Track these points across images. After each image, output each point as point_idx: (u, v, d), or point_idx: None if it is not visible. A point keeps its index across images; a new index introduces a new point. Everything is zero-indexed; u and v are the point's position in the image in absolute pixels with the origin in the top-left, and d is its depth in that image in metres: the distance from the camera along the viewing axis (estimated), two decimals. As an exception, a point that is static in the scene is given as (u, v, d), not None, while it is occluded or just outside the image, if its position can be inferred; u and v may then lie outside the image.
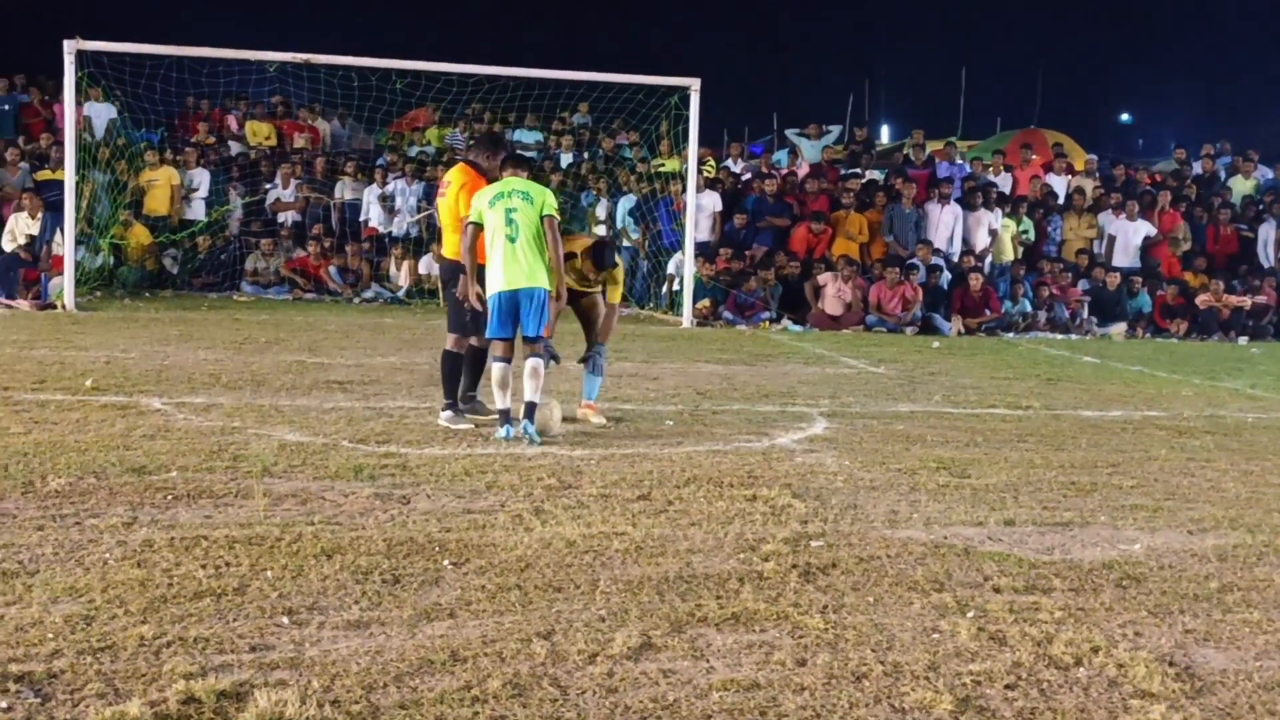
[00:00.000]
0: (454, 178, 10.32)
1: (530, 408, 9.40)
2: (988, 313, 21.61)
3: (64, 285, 18.32)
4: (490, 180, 10.03)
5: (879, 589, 5.96)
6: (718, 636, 5.23)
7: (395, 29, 41.68)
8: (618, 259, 10.80)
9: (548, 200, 9.56)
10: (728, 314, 21.13)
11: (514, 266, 9.37)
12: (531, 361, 9.46)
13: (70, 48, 18.09)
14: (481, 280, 9.64)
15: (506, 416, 9.44)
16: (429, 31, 42.39)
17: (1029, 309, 22.12)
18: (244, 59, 19.96)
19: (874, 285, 21.66)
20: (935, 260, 22.58)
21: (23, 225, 19.75)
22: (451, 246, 10.15)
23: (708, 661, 4.94)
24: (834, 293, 21.46)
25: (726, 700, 4.57)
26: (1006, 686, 4.81)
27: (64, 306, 18.17)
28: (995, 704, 4.65)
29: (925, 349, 18.39)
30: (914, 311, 21.35)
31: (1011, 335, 21.31)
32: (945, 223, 23.07)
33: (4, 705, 4.24)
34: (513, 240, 9.35)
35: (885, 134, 52.71)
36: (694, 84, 20.21)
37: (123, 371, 12.00)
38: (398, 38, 36.32)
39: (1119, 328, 22.27)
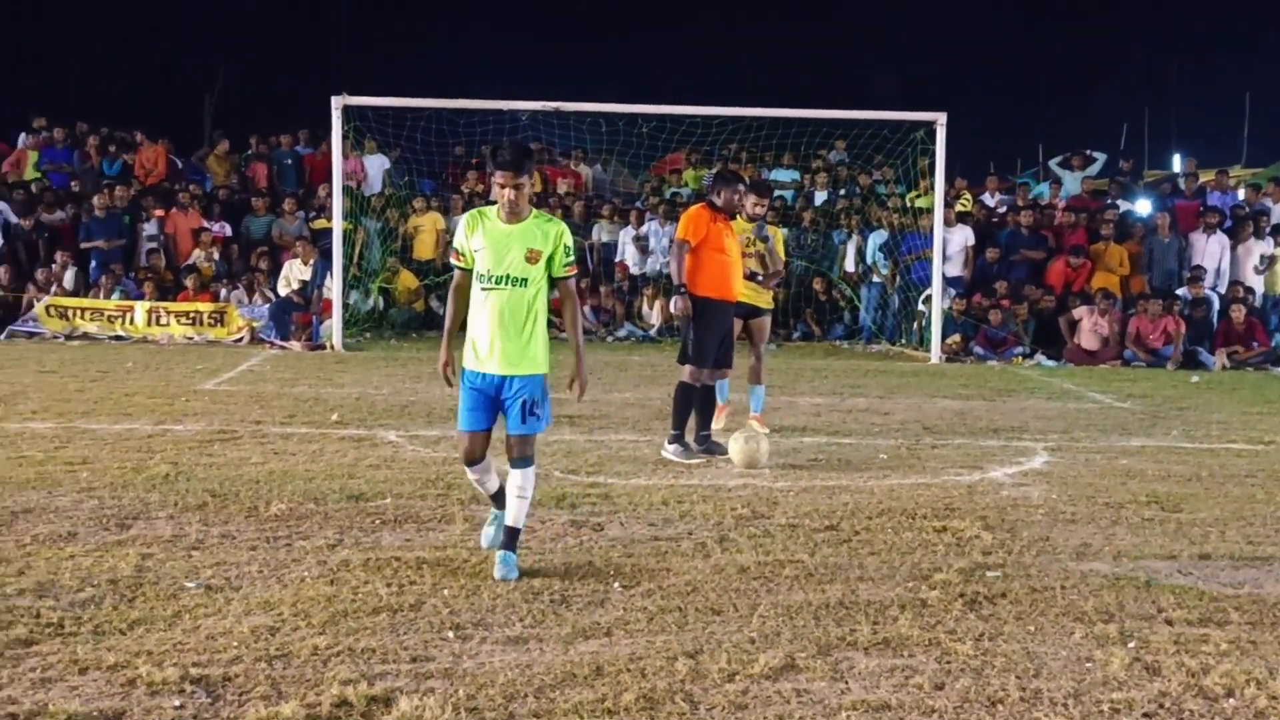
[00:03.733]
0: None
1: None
2: (1255, 346, 20.71)
3: (333, 327, 19.45)
4: (731, 216, 10.42)
5: (1043, 619, 5.94)
6: (863, 660, 5.32)
7: (644, 74, 42.46)
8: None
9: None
10: (979, 349, 20.84)
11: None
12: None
13: (337, 103, 19.24)
14: (711, 310, 10.33)
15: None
16: (674, 75, 43.01)
17: (1302, 342, 21.10)
18: (497, 109, 20.83)
19: (1133, 318, 21.04)
20: (1203, 293, 21.77)
21: (296, 271, 21.02)
22: (699, 282, 10.40)
23: (845, 683, 5.04)
24: (1090, 327, 20.92)
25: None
26: (1144, 715, 4.78)
27: (332, 347, 19.26)
28: (1127, 732, 4.62)
29: (1183, 384, 17.76)
30: (1176, 345, 20.63)
31: (1282, 369, 20.36)
32: (1211, 253, 22.23)
33: (177, 704, 4.67)
34: None
35: (1176, 163, 50.71)
36: (940, 118, 20.08)
37: (369, 406, 12.70)
38: (646, 83, 37.02)
39: (1403, 360, 21.00)
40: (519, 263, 6.59)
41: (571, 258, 6.75)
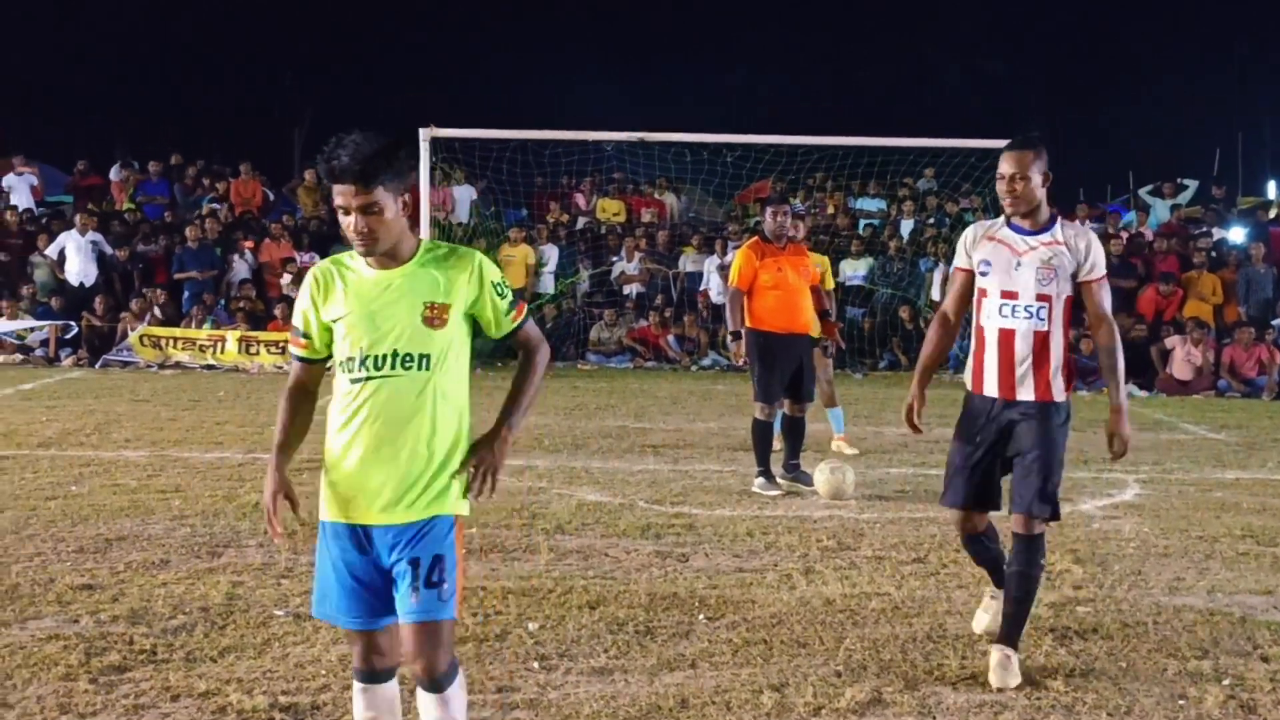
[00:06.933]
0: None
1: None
2: (1354, 376, 20.26)
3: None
4: (776, 241, 10.39)
5: (1135, 655, 5.84)
6: (950, 695, 5.26)
7: (730, 104, 42.47)
8: None
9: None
10: (1067, 379, 20.55)
11: None
12: None
13: (424, 135, 19.45)
14: (771, 344, 10.25)
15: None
16: (759, 106, 42.89)
17: (1403, 371, 20.60)
18: (582, 139, 20.95)
19: (1227, 347, 20.69)
20: (1298, 321, 21.39)
21: (383, 302, 21.22)
22: (758, 316, 10.39)
23: (934, 718, 4.99)
24: (1182, 356, 20.59)
25: (940, 756, 4.62)
26: (1241, 755, 4.67)
27: (419, 376, 19.38)
28: (1224, 773, 4.52)
29: (1279, 415, 17.42)
30: (1271, 375, 20.25)
31: (1382, 399, 19.88)
32: (1309, 282, 21.85)
33: (266, 730, 4.72)
34: None
35: (1271, 189, 49.82)
36: (1026, 145, 19.87)
37: (455, 436, 12.76)
38: (732, 112, 37.07)
39: None
40: (412, 330, 4.07)
41: (510, 296, 4.26)
